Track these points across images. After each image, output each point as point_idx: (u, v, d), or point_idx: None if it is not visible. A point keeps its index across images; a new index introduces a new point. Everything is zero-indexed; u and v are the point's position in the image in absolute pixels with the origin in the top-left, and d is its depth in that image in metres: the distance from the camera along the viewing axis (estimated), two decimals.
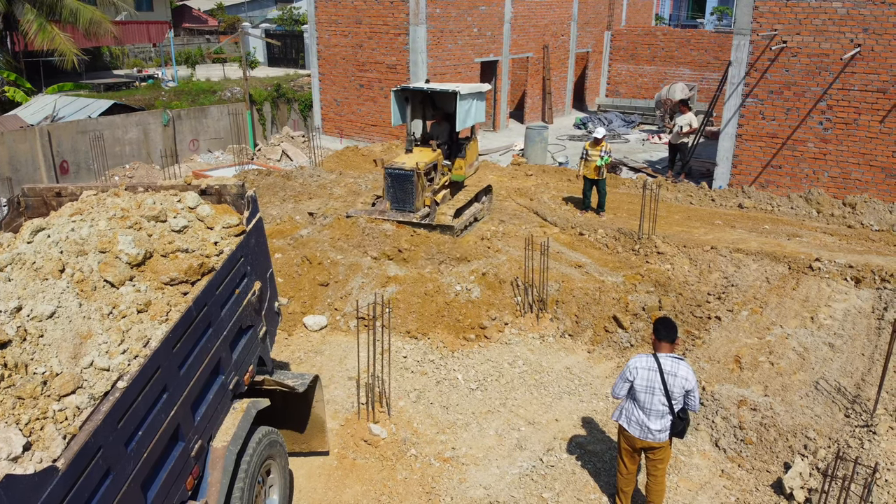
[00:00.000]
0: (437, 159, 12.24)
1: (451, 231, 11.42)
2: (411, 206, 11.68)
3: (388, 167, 11.68)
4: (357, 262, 10.28)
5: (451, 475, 6.64)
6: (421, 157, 11.91)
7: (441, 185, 12.36)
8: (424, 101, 13.05)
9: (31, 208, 5.79)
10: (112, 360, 3.98)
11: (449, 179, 12.67)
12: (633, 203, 13.95)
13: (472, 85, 12.69)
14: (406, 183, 11.54)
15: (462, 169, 12.80)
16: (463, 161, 12.75)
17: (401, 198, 11.69)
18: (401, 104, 12.35)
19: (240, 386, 5.43)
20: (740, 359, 8.02)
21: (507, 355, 8.80)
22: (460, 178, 12.86)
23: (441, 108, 13.08)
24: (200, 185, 5.85)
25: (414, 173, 11.42)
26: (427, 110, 13.24)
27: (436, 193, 12.11)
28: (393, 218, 11.56)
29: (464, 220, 12.06)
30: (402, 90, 12.27)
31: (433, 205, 11.91)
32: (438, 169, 12.32)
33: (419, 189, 11.62)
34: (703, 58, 25.14)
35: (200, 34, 43.39)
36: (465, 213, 12.32)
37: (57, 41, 22.22)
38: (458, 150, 12.84)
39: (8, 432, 3.22)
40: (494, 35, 22.52)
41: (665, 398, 5.56)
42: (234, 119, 23.58)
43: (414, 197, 11.59)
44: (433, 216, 11.68)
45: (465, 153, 12.77)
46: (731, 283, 9.93)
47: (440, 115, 13.07)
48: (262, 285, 5.90)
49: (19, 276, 4.28)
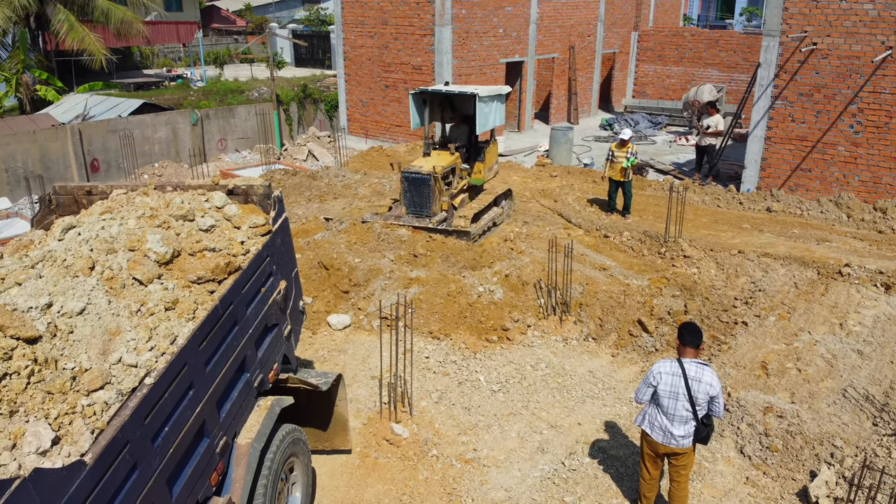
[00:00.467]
0: (456, 163, 12.07)
1: (468, 237, 11.22)
2: (428, 210, 11.47)
3: (404, 171, 11.51)
4: (376, 265, 10.31)
5: (473, 476, 6.64)
6: (439, 161, 11.74)
7: (459, 189, 12.20)
8: (444, 104, 12.91)
9: (63, 206, 5.90)
10: (140, 357, 4.04)
11: (467, 183, 12.50)
12: (659, 205, 13.84)
13: (492, 87, 12.53)
14: (423, 187, 11.35)
15: (481, 172, 12.59)
16: (482, 165, 12.54)
17: (417, 202, 11.50)
18: (419, 107, 12.19)
19: (264, 383, 5.48)
20: (767, 365, 7.91)
21: (530, 358, 8.77)
22: (479, 182, 12.67)
23: (460, 110, 12.92)
24: (228, 185, 5.92)
25: (431, 177, 11.23)
26: (446, 113, 13.09)
27: (453, 198, 11.96)
28: (408, 223, 11.38)
29: (481, 225, 11.89)
30: (421, 93, 12.13)
31: (450, 209, 11.74)
32: (457, 173, 12.15)
33: (436, 193, 11.45)
34: (732, 59, 24.85)
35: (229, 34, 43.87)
36: (482, 217, 12.15)
37: (87, 41, 22.61)
38: (477, 154, 12.64)
39: (37, 426, 3.28)
40: (520, 36, 22.47)
41: (689, 404, 5.51)
42: (262, 119, 23.80)
43: (431, 201, 11.40)
44: (450, 221, 11.50)
45: (485, 156, 12.56)
46: (759, 288, 9.81)
47: (459, 118, 12.89)
48: (288, 284, 5.95)
49: (50, 273, 4.37)
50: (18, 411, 3.36)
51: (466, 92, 11.72)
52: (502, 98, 12.52)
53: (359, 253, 10.71)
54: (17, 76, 22.92)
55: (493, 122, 12.15)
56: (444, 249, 10.86)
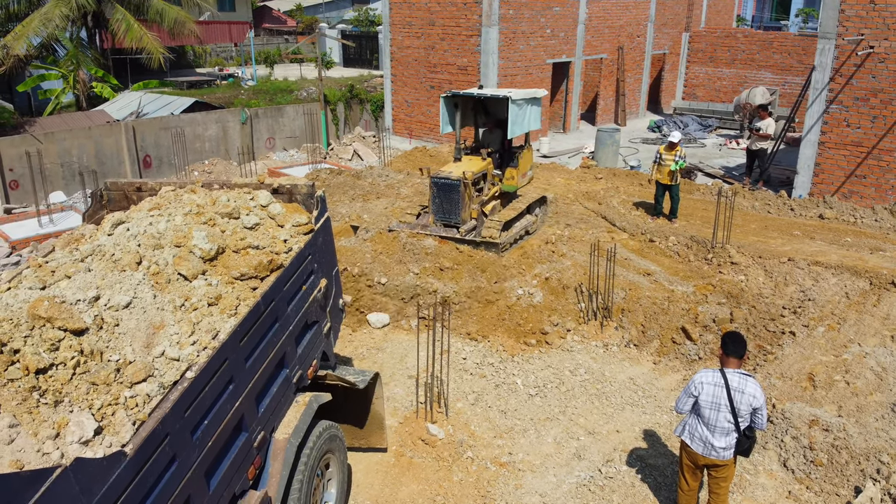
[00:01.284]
0: (487, 168, 11.64)
1: (496, 248, 10.69)
2: (457, 217, 10.98)
3: (434, 176, 11.00)
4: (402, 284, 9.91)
5: (507, 480, 6.61)
6: (469, 166, 11.26)
7: (491, 195, 11.76)
8: (476, 108, 12.46)
9: (113, 202, 6.07)
10: (182, 351, 4.14)
11: (499, 190, 12.06)
12: (707, 210, 13.56)
13: (527, 90, 12.08)
14: (452, 193, 10.84)
15: (514, 179, 12.09)
16: (515, 171, 12.05)
17: (447, 209, 10.99)
18: (450, 111, 11.75)
19: (303, 380, 5.56)
20: (814, 377, 7.69)
21: (569, 362, 8.69)
22: (511, 189, 12.18)
23: (494, 114, 12.45)
24: (273, 184, 6.02)
25: (461, 183, 10.73)
26: (479, 117, 12.64)
27: (484, 205, 11.52)
28: (435, 233, 10.89)
29: (512, 234, 11.41)
30: (452, 96, 11.70)
31: (480, 217, 11.31)
32: (488, 179, 11.72)
33: (466, 200, 10.95)
34: (786, 61, 24.22)
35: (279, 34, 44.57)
36: (514, 226, 11.69)
37: (145, 40, 23.23)
38: (510, 159, 12.18)
39: (81, 416, 3.38)
40: (568, 36, 22.29)
41: (731, 415, 5.39)
42: (309, 118, 24.12)
43: (460, 208, 10.90)
44: (479, 230, 11.04)
45: (518, 162, 12.08)
46: (808, 298, 9.53)
47: (493, 122, 12.43)
48: (328, 283, 6.02)
49: (99, 267, 4.50)
50: (63, 401, 3.47)
51: (499, 95, 11.36)
52: (537, 101, 12.09)
53: (384, 265, 10.23)
54: (73, 73, 23.67)
55: (526, 126, 11.74)
56: (472, 262, 10.47)
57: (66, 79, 23.87)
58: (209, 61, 36.99)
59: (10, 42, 21.62)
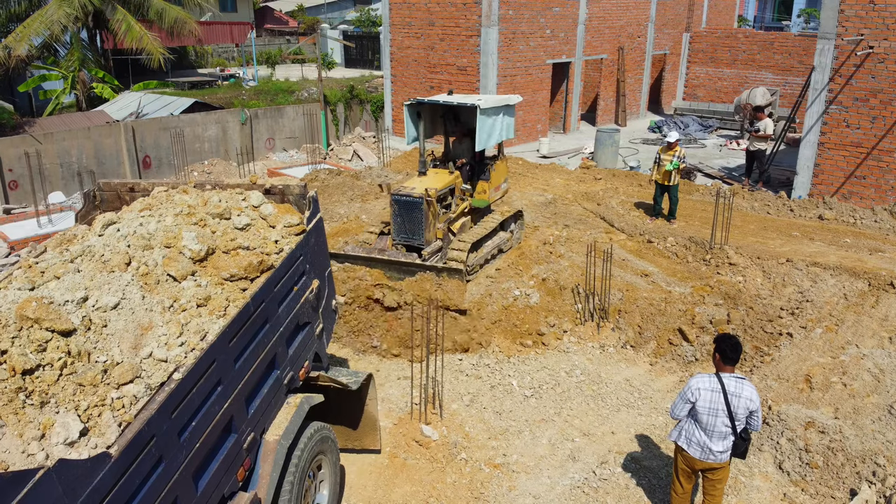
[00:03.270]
0: (455, 183, 10.66)
1: (459, 275, 9.54)
2: (420, 238, 9.97)
3: (394, 192, 10.01)
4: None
5: (501, 482, 6.59)
6: (434, 181, 10.27)
7: (459, 212, 10.76)
8: (447, 115, 11.36)
9: (106, 202, 6.07)
10: (170, 352, 4.13)
11: (469, 206, 11.01)
12: (706, 211, 13.54)
13: (499, 97, 11.37)
14: (414, 212, 9.86)
15: (485, 193, 11.16)
16: (487, 184, 11.13)
17: (409, 229, 10.00)
18: (414, 120, 10.86)
19: (294, 381, 5.54)
20: (811, 378, 7.66)
21: (565, 364, 8.67)
22: (483, 205, 11.16)
23: (465, 123, 11.33)
24: (265, 185, 6.01)
25: (423, 200, 9.75)
26: (449, 125, 11.57)
27: (452, 223, 10.58)
28: (393, 257, 9.82)
29: (482, 254, 10.53)
30: (416, 104, 10.78)
31: (447, 237, 10.33)
32: (456, 194, 10.74)
33: (430, 219, 9.96)
34: (787, 62, 24.17)
35: (281, 35, 44.57)
36: (484, 245, 10.77)
37: (145, 41, 23.24)
38: (481, 171, 11.24)
39: (67, 418, 3.37)
40: (568, 36, 22.27)
41: (728, 420, 5.37)
42: (309, 119, 24.12)
43: (423, 228, 9.90)
44: (446, 250, 9.99)
45: (490, 175, 11.17)
46: (806, 299, 9.50)
47: (463, 131, 11.41)
48: (321, 283, 6.01)
49: (88, 268, 4.49)
50: (49, 402, 3.46)
51: (466, 104, 10.35)
52: (510, 110, 11.19)
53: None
54: (74, 74, 23.70)
55: (497, 136, 10.85)
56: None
57: (67, 79, 23.91)
58: (211, 62, 37.00)
59: (11, 43, 21.66)
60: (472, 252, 10.22)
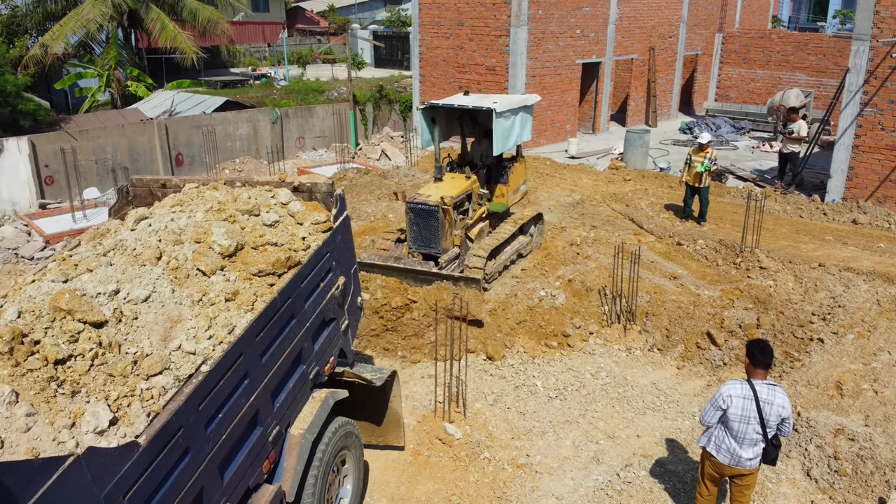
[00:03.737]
0: (472, 188, 10.39)
1: (476, 285, 9.31)
2: (437, 247, 9.72)
3: (409, 201, 9.78)
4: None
5: (524, 482, 6.58)
6: (451, 188, 10.01)
7: (477, 217, 10.49)
8: (463, 116, 11.05)
9: (139, 198, 6.18)
10: (198, 345, 4.19)
11: (487, 211, 10.77)
12: (737, 214, 13.35)
13: (516, 97, 10.97)
14: (430, 220, 9.60)
15: (504, 196, 10.89)
16: (505, 187, 10.85)
17: (425, 237, 9.75)
18: (429, 124, 10.55)
19: (320, 376, 5.60)
20: (841, 385, 7.51)
21: (590, 366, 8.62)
22: (501, 209, 10.86)
23: (482, 124, 11.02)
24: (293, 183, 6.07)
25: (439, 209, 9.50)
26: (466, 126, 11.27)
27: (469, 229, 10.31)
28: (410, 266, 9.60)
29: (500, 261, 10.32)
30: (430, 108, 10.47)
31: (464, 244, 10.07)
32: (473, 199, 10.46)
33: (446, 227, 9.68)
34: (822, 63, 23.73)
35: (312, 35, 44.93)
36: (503, 251, 10.51)
37: (178, 40, 23.61)
38: (499, 174, 10.94)
39: (97, 407, 3.45)
40: (598, 36, 22.12)
41: (760, 427, 5.30)
42: (338, 118, 24.30)
43: (439, 236, 9.63)
44: (463, 257, 9.81)
45: (508, 178, 10.90)
46: (838, 304, 9.33)
47: (480, 133, 11.08)
48: (346, 280, 6.05)
49: (120, 262, 4.59)
50: (80, 391, 3.54)
51: (482, 107, 10.05)
52: (528, 110, 10.86)
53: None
54: (109, 72, 24.15)
55: (515, 139, 10.57)
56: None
57: (103, 77, 24.37)
58: (243, 61, 37.43)
59: (48, 41, 22.15)
60: (490, 259, 9.99)
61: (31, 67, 22.00)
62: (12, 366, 3.47)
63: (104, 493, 3.17)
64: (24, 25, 25.39)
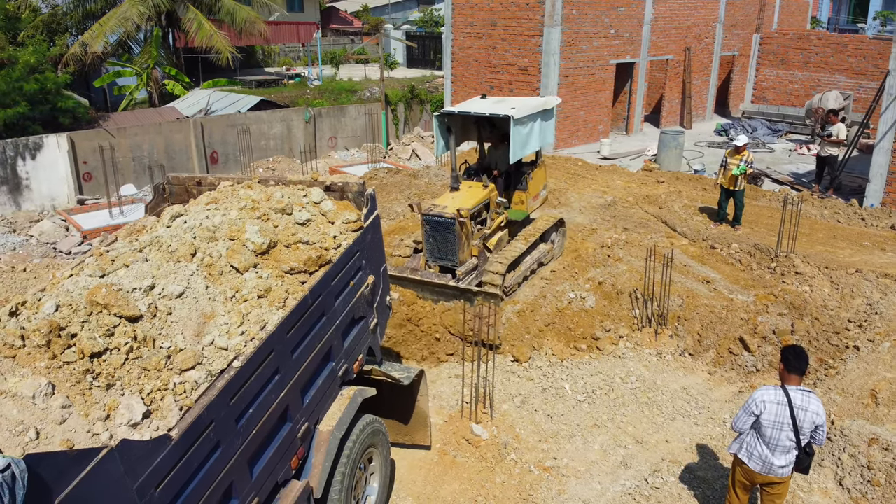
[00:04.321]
0: (490, 197, 9.99)
1: (495, 300, 8.96)
2: (454, 259, 9.40)
3: (424, 213, 9.41)
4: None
5: (550, 485, 6.55)
6: (467, 199, 9.61)
7: (495, 226, 10.13)
8: (481, 121, 10.66)
9: (174, 195, 6.29)
10: (230, 341, 4.25)
11: (506, 219, 10.40)
12: (772, 217, 13.13)
13: (535, 101, 10.45)
14: (446, 232, 9.25)
15: (523, 203, 10.49)
16: (524, 194, 10.43)
17: (441, 249, 9.44)
18: (443, 132, 10.11)
19: (348, 374, 5.64)
20: (877, 393, 7.34)
21: (620, 369, 8.55)
22: (520, 217, 10.47)
23: (500, 127, 10.48)
24: (325, 182, 6.13)
25: (455, 221, 9.12)
26: (483, 131, 10.91)
27: (487, 239, 9.95)
28: (426, 278, 9.36)
29: (520, 272, 9.95)
30: (445, 115, 10.07)
31: (482, 255, 9.73)
32: (492, 208, 10.07)
33: (463, 239, 9.33)
34: (861, 65, 23.20)
35: (346, 35, 45.27)
36: (522, 262, 10.12)
37: (214, 39, 23.98)
38: (518, 180, 10.52)
39: (131, 400, 3.52)
40: (632, 37, 21.92)
41: (793, 434, 5.21)
42: (370, 118, 24.45)
43: (456, 248, 9.31)
44: (482, 268, 9.46)
45: (527, 184, 10.45)
46: (875, 311, 9.12)
47: (499, 138, 10.60)
48: (376, 279, 6.09)
49: (155, 258, 4.67)
50: (115, 385, 3.62)
51: (499, 114, 9.57)
52: (548, 114, 10.41)
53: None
54: (147, 71, 24.60)
55: (535, 144, 10.16)
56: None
57: (141, 76, 24.83)
58: (277, 61, 37.87)
59: (88, 39, 22.64)
60: (509, 271, 9.65)
61: (71, 66, 22.52)
62: (49, 358, 3.55)
63: (136, 485, 3.23)
64: (64, 24, 26.01)
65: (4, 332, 3.64)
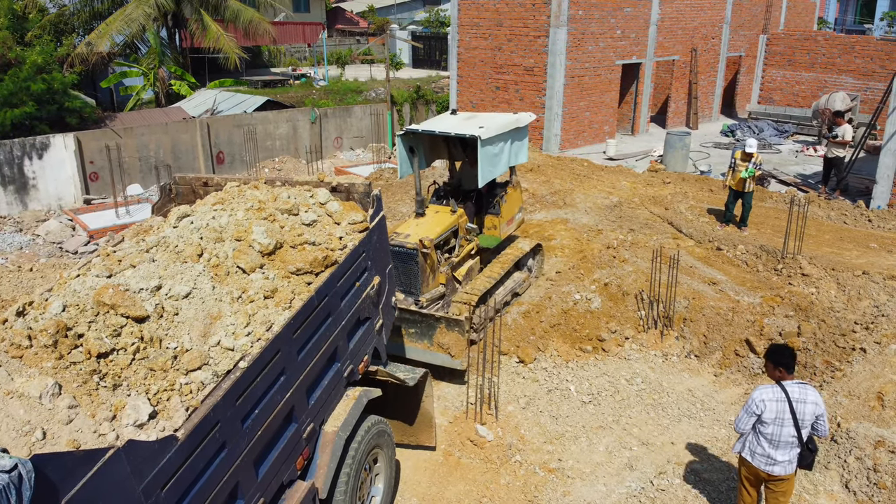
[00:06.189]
0: (458, 223, 9.13)
1: (459, 328, 7.91)
2: (416, 291, 8.54)
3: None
4: None
5: (555, 487, 6.54)
6: (433, 226, 8.76)
7: (465, 254, 9.26)
8: (451, 139, 9.70)
9: (181, 195, 6.31)
10: (237, 341, 4.27)
11: (476, 247, 9.53)
12: (779, 219, 13.09)
13: (507, 118, 9.43)
14: (409, 264, 8.36)
15: (496, 229, 9.59)
16: (497, 219, 9.53)
17: (404, 281, 8.54)
18: (408, 152, 9.25)
19: (354, 374, 5.65)
20: (883, 396, 7.31)
21: (625, 371, 8.53)
22: (493, 244, 9.60)
23: (473, 145, 9.15)
24: (331, 183, 6.14)
25: (418, 252, 8.29)
26: (455, 150, 10.07)
27: (456, 268, 9.10)
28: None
29: (491, 306, 9.06)
30: (409, 134, 9.18)
31: (450, 284, 8.93)
32: (460, 234, 9.21)
33: (427, 271, 8.51)
34: (869, 66, 23.10)
35: (352, 35, 45.32)
36: (496, 293, 9.35)
37: (221, 41, 24.05)
38: (489, 204, 9.62)
39: (137, 400, 3.53)
40: (639, 37, 21.88)
41: (795, 429, 5.25)
42: (376, 119, 24.46)
43: (419, 281, 8.45)
44: (449, 299, 8.65)
45: (500, 207, 9.58)
46: (882, 313, 9.08)
47: (472, 156, 9.38)
48: (381, 280, 6.10)
49: (162, 258, 4.69)
50: (121, 385, 3.63)
51: (465, 134, 8.69)
52: (521, 132, 9.61)
53: None
54: (154, 71, 24.68)
55: (505, 165, 9.30)
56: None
57: (147, 76, 24.91)
58: (283, 61, 37.93)
59: (94, 39, 22.72)
60: (481, 303, 8.77)
61: (78, 65, 22.60)
62: (56, 358, 3.57)
63: (142, 485, 3.24)
64: (71, 24, 26.12)
65: (12, 331, 3.66)
